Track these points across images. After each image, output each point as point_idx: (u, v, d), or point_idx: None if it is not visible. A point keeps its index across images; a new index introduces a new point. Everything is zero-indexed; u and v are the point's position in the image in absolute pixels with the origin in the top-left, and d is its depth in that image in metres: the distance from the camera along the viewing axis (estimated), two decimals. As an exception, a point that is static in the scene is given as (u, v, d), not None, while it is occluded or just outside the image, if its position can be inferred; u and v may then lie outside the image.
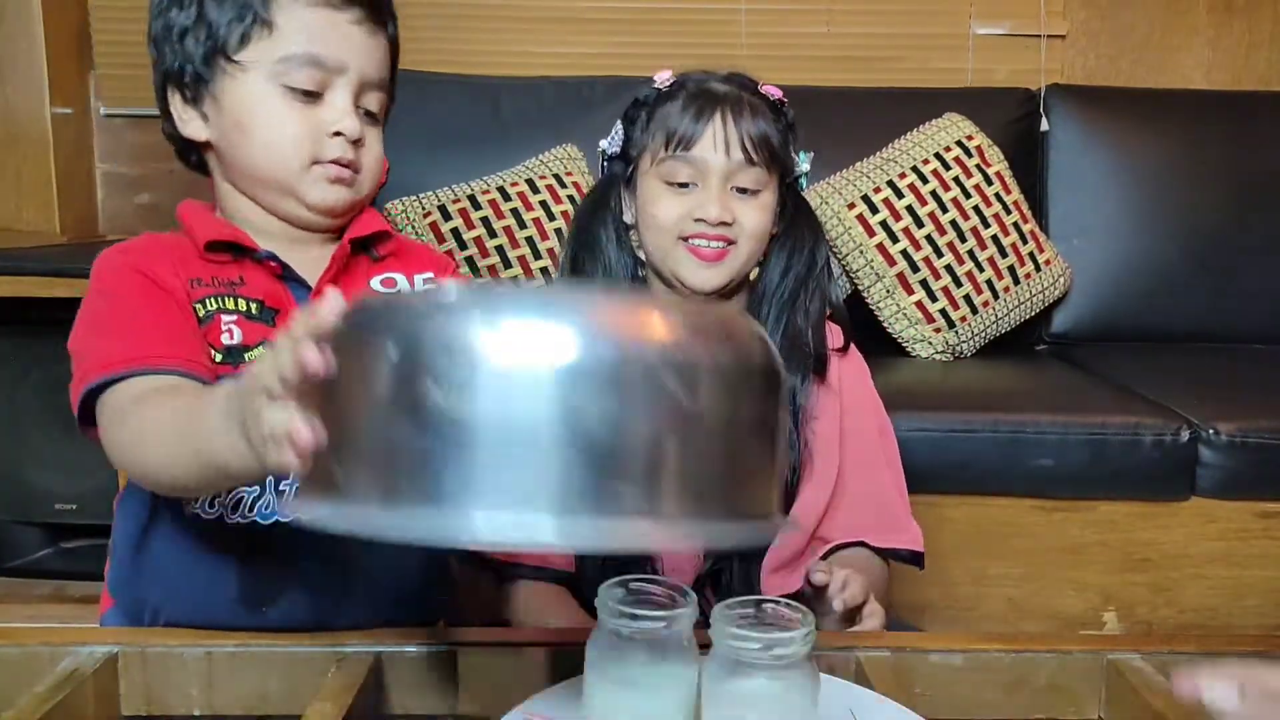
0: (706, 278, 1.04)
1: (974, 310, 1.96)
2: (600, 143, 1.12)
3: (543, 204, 1.92)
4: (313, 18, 0.84)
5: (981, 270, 1.97)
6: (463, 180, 1.95)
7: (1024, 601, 1.59)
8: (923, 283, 1.94)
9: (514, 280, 1.82)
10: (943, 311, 1.94)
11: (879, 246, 1.93)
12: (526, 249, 1.87)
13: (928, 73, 2.34)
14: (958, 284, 1.95)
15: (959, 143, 2.04)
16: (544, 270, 1.86)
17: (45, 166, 2.17)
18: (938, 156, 2.01)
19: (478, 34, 2.32)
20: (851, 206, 1.95)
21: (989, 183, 2.02)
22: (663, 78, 1.08)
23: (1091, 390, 1.76)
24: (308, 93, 0.85)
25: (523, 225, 1.89)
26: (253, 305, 0.86)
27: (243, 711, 0.78)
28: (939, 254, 1.95)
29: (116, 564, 0.91)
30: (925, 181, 1.98)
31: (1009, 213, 2.02)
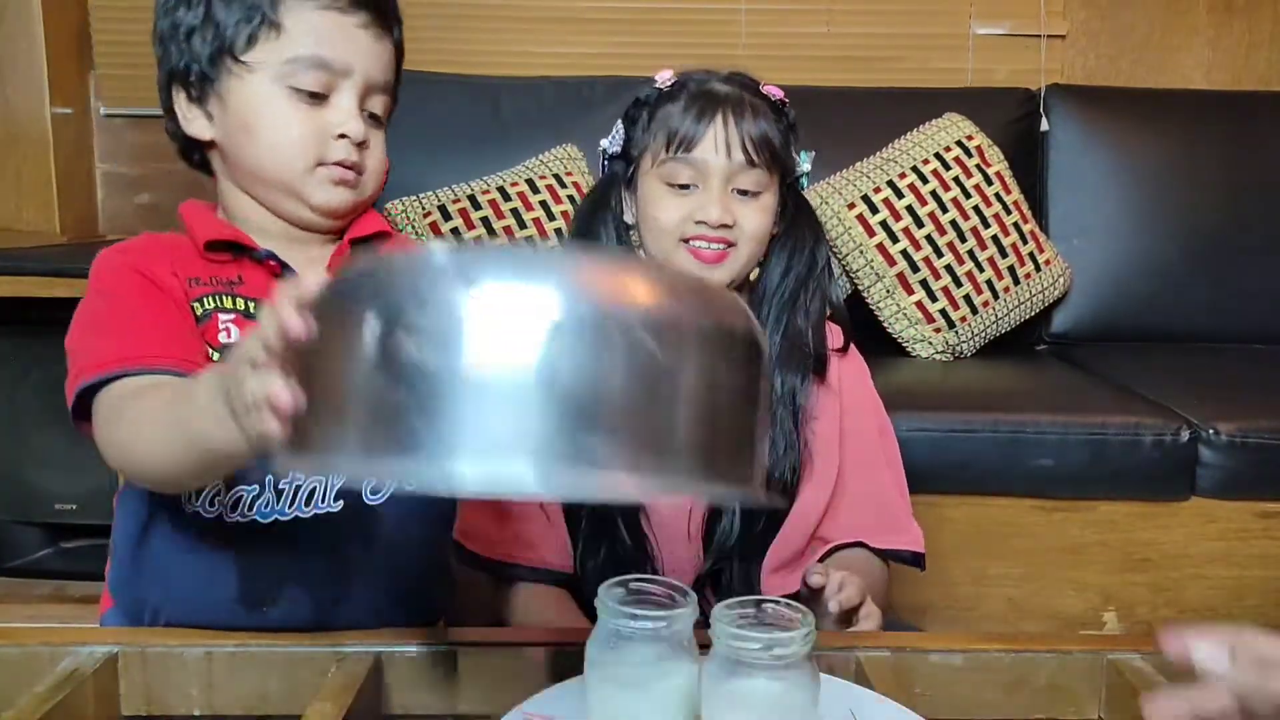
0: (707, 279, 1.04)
1: (974, 310, 1.96)
2: (601, 142, 1.12)
3: (543, 204, 1.92)
4: (320, 21, 0.84)
5: (981, 270, 1.97)
6: (463, 180, 1.95)
7: (1024, 601, 1.59)
8: (923, 283, 1.94)
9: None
10: (943, 311, 1.94)
11: (879, 246, 1.93)
12: (526, 249, 1.88)
13: (928, 73, 2.34)
14: (958, 284, 1.95)
15: (959, 143, 2.04)
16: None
17: (45, 166, 2.17)
18: (938, 156, 2.01)
19: (478, 34, 2.32)
20: (851, 206, 1.95)
21: (989, 183, 2.02)
22: (664, 77, 1.07)
23: (1091, 390, 1.76)
24: (313, 94, 0.85)
25: (523, 225, 1.89)
26: (251, 304, 0.86)
27: (243, 711, 0.78)
28: (939, 254, 1.95)
29: (116, 564, 0.91)
30: (925, 181, 1.98)
31: (1009, 213, 2.02)
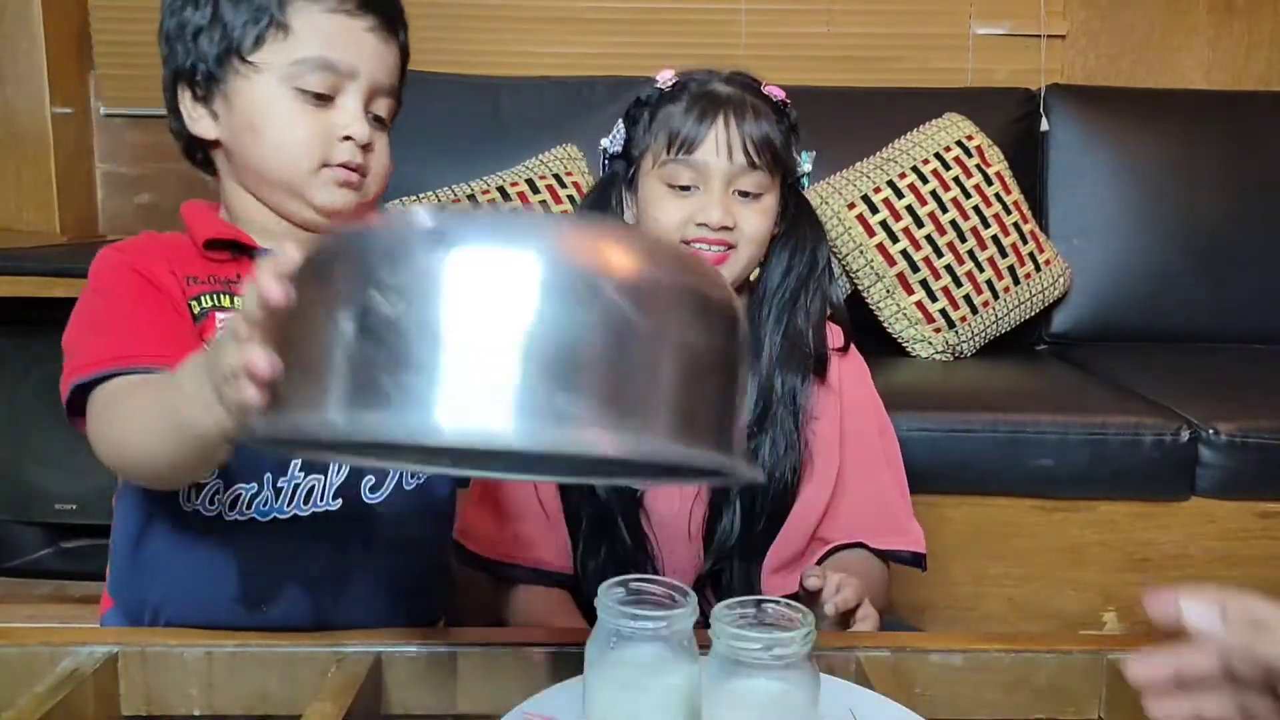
0: (707, 279, 1.03)
1: (974, 310, 1.96)
2: (602, 141, 1.12)
3: (543, 204, 1.92)
4: (328, 23, 0.84)
5: (981, 270, 1.97)
6: (463, 180, 1.95)
7: (1024, 601, 1.59)
8: (923, 283, 1.94)
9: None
10: (943, 311, 1.94)
11: (879, 246, 1.93)
12: (526, 249, 1.88)
13: (928, 73, 2.34)
14: (958, 284, 1.95)
15: (959, 143, 2.04)
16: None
17: (45, 166, 2.17)
18: (938, 156, 2.01)
19: (478, 34, 2.32)
20: (851, 206, 1.95)
21: (989, 183, 2.02)
22: (665, 77, 1.07)
23: (1091, 390, 1.76)
24: (319, 96, 0.85)
25: (523, 225, 1.89)
26: None
27: (243, 711, 0.78)
28: (939, 254, 1.95)
29: (116, 564, 0.91)
30: (925, 181, 1.98)
31: (1009, 213, 2.02)
